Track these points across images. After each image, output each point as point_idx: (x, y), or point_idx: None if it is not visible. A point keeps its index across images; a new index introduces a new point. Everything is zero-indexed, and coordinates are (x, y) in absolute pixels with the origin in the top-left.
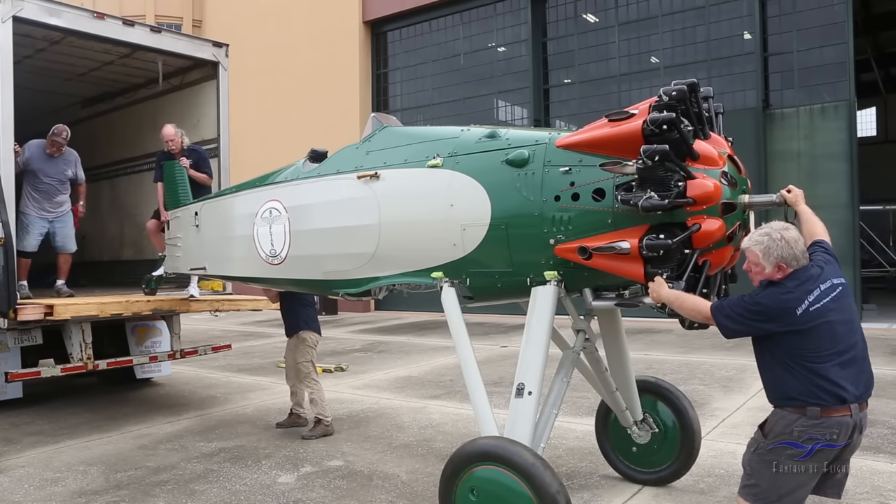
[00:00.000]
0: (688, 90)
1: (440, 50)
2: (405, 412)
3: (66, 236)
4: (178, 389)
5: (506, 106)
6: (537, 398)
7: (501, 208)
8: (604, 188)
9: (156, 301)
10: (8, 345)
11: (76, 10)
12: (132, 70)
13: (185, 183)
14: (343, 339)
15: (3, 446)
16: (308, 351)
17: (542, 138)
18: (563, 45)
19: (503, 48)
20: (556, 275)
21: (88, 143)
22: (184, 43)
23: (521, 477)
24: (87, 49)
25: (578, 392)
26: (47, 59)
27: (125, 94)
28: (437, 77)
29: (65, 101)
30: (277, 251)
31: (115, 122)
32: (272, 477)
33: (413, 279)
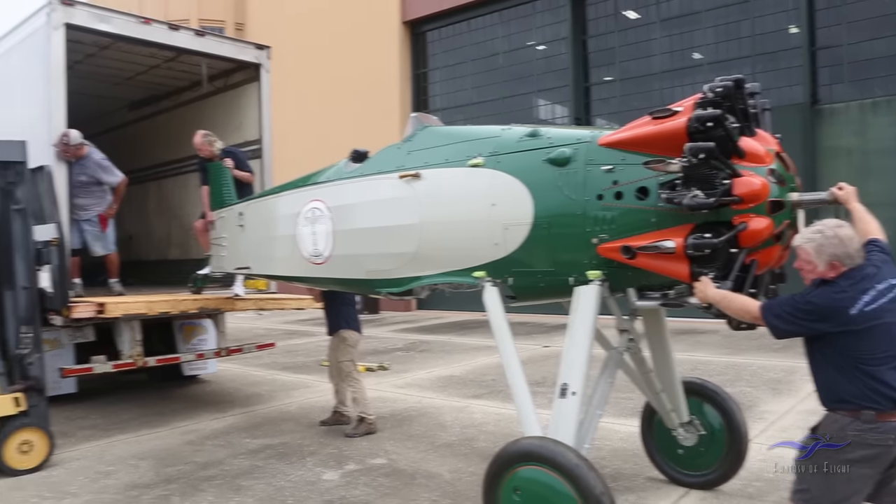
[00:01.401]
0: (734, 86)
1: (479, 49)
2: (447, 411)
3: (91, 240)
4: (223, 386)
5: (546, 104)
6: (581, 398)
7: (544, 207)
8: (647, 187)
9: (202, 300)
10: (62, 341)
11: (124, 15)
12: (177, 73)
13: (228, 184)
14: (385, 338)
15: (59, 439)
16: (348, 350)
17: (584, 137)
18: (604, 42)
19: (543, 46)
20: (599, 274)
21: (135, 146)
22: (227, 46)
23: (566, 478)
24: (135, 53)
25: (622, 393)
26: (97, 63)
27: (170, 96)
28: (476, 76)
29: (113, 105)
30: (320, 251)
31: (160, 125)
32: (316, 474)
33: (455, 279)
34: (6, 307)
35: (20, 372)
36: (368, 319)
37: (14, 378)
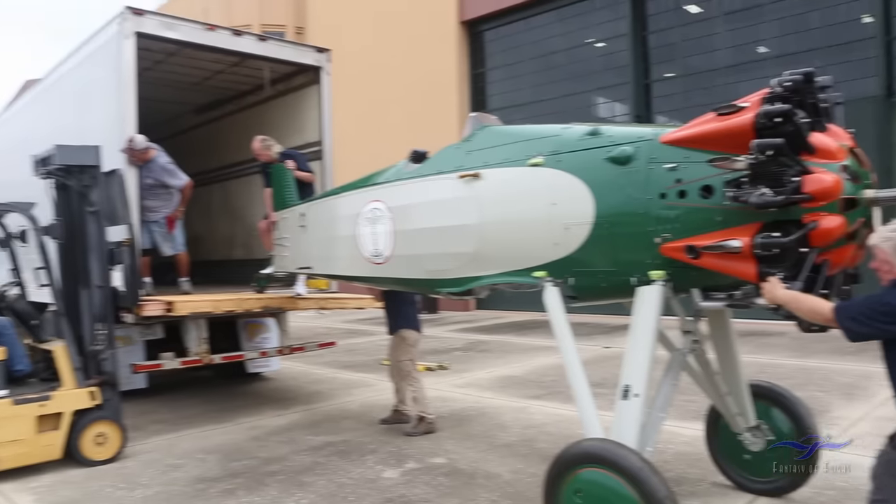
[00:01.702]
0: (803, 80)
1: (537, 48)
2: (507, 411)
3: (159, 241)
4: (286, 384)
5: (605, 102)
6: (643, 400)
7: (605, 207)
8: (712, 185)
9: (266, 299)
10: (133, 338)
11: (191, 23)
12: (241, 77)
13: (290, 185)
14: (444, 337)
15: (130, 432)
16: (408, 349)
17: (646, 135)
18: (665, 38)
19: (602, 43)
20: (662, 274)
21: (201, 149)
22: (288, 50)
23: (629, 481)
24: (201, 59)
25: (686, 395)
26: (165, 70)
27: (234, 100)
28: (534, 75)
29: (180, 110)
30: (380, 250)
31: (224, 128)
32: (377, 472)
33: (515, 279)
34: (82, 305)
35: (95, 367)
36: (427, 319)
37: (89, 373)
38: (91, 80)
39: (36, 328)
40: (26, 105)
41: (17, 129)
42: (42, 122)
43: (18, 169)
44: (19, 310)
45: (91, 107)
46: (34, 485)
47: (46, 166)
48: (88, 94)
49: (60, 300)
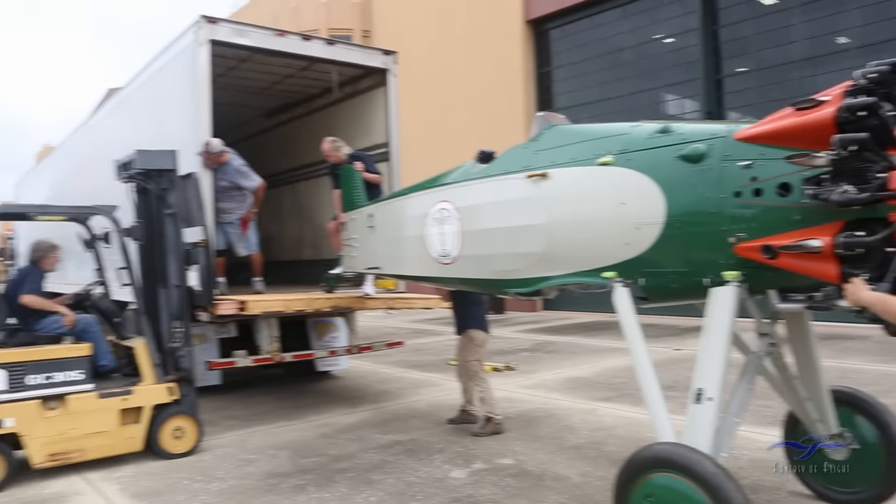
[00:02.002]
0: (889, 70)
1: (604, 45)
2: (575, 413)
3: (234, 242)
4: (354, 383)
5: (674, 99)
6: (717, 405)
7: (677, 206)
8: (790, 182)
9: (335, 299)
10: (208, 336)
11: (262, 29)
12: (309, 81)
13: (359, 186)
14: (511, 338)
15: (206, 427)
16: (476, 350)
17: (720, 131)
18: (737, 31)
19: (671, 39)
20: (737, 275)
21: (271, 152)
22: (356, 53)
23: (702, 487)
24: (271, 64)
25: (762, 400)
26: (237, 75)
27: (303, 103)
28: (601, 73)
29: (251, 114)
30: (448, 251)
31: (294, 131)
32: (444, 471)
33: (584, 279)
34: (160, 304)
35: (173, 363)
36: (494, 319)
37: (168, 369)
38: (168, 87)
39: (118, 325)
40: (109, 112)
41: (100, 136)
42: (123, 128)
43: (102, 173)
44: (103, 308)
45: (168, 112)
46: (118, 475)
47: (127, 170)
48: (166, 101)
49: (140, 299)
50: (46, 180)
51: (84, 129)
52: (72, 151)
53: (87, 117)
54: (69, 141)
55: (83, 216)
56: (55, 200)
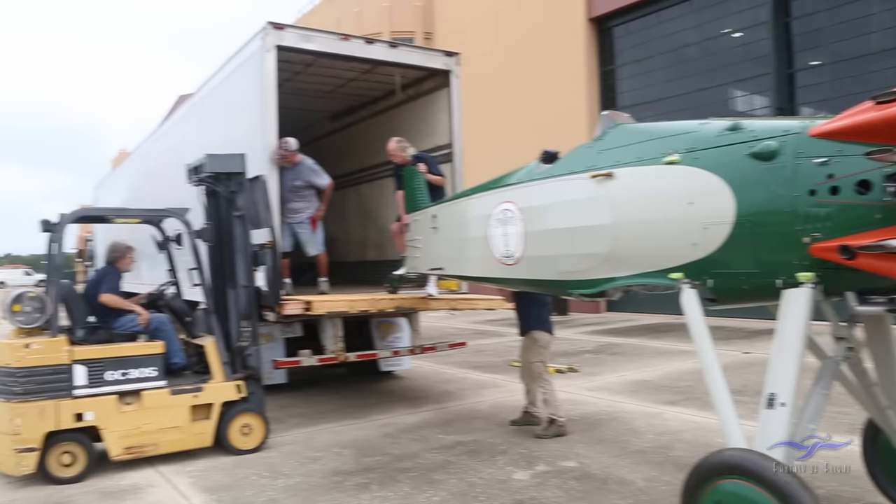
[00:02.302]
0: None
1: (669, 41)
2: (640, 417)
3: (305, 241)
4: (417, 383)
5: (743, 95)
6: (791, 410)
7: (747, 205)
8: (870, 180)
9: (398, 299)
10: (275, 335)
11: (326, 34)
12: (373, 84)
13: (422, 187)
14: (574, 339)
15: (272, 425)
16: (540, 351)
17: (793, 128)
18: (811, 23)
19: (739, 33)
20: (811, 276)
21: (336, 154)
22: (418, 55)
23: (775, 495)
24: (335, 68)
25: (838, 407)
26: (302, 80)
27: (367, 106)
28: (666, 70)
29: (316, 117)
30: (512, 251)
31: (358, 133)
32: (507, 473)
33: (650, 280)
34: (229, 304)
35: (241, 362)
36: (557, 321)
37: (236, 367)
38: (237, 92)
39: (189, 324)
40: (180, 118)
41: (172, 141)
42: (194, 133)
43: (174, 177)
44: (175, 307)
45: (237, 117)
46: (189, 469)
47: (198, 174)
48: (234, 106)
49: (210, 299)
50: (122, 184)
51: (157, 135)
52: (145, 156)
53: (159, 123)
54: (143, 146)
55: (157, 219)
56: (130, 204)
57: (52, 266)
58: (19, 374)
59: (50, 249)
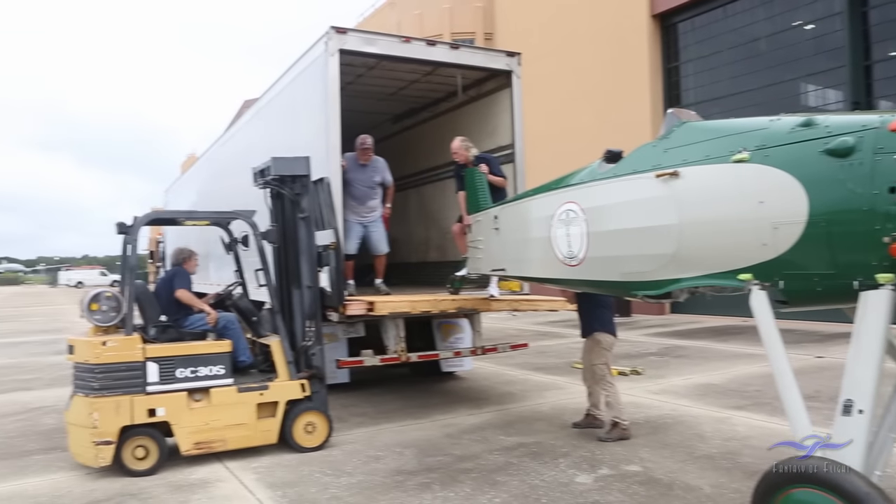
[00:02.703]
0: None
1: (737, 36)
2: (706, 421)
3: (379, 239)
4: (478, 384)
5: (816, 90)
6: (870, 418)
7: (821, 203)
8: None
9: (460, 300)
10: (338, 335)
11: (388, 37)
12: (434, 86)
13: (484, 188)
14: (637, 341)
15: (335, 423)
16: (603, 353)
17: (871, 122)
18: (891, 11)
19: (811, 25)
20: (892, 278)
21: (398, 156)
22: (480, 56)
23: None
24: (397, 70)
25: None
26: (365, 82)
27: (428, 108)
28: (733, 66)
29: (378, 119)
30: (574, 252)
31: (419, 135)
32: (569, 476)
33: (718, 281)
34: (294, 304)
35: (305, 361)
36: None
37: (300, 366)
38: (300, 96)
39: (255, 324)
40: (246, 123)
41: (238, 145)
42: (259, 137)
43: (240, 180)
44: (242, 307)
45: (301, 120)
46: (255, 465)
47: (264, 177)
48: (298, 109)
49: (276, 299)
50: (191, 188)
51: (223, 139)
52: (213, 160)
53: (225, 128)
54: (210, 151)
55: (225, 221)
56: (199, 206)
57: (126, 267)
58: (97, 370)
59: (124, 251)
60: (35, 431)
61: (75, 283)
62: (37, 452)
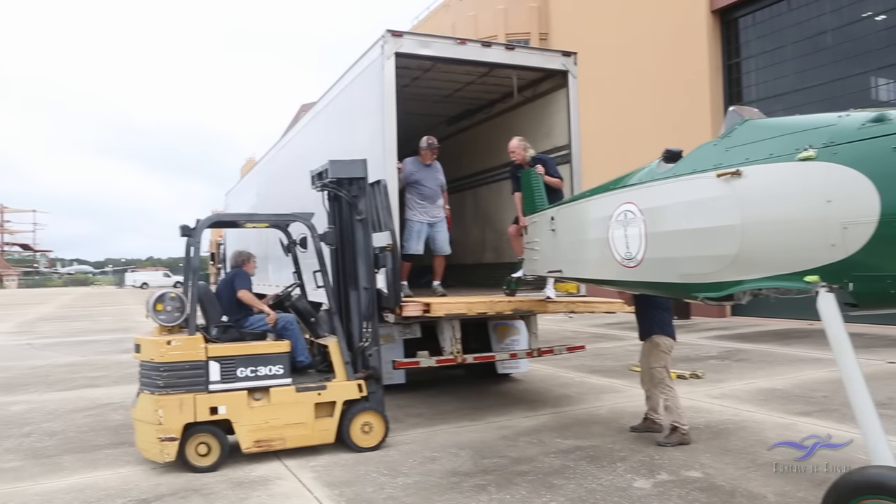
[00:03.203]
0: None
1: (801, 30)
2: (770, 427)
3: (443, 240)
4: (534, 386)
5: (887, 84)
6: None
7: (894, 202)
8: None
9: (516, 301)
10: (394, 337)
11: (443, 39)
12: (489, 87)
13: (540, 189)
14: (697, 344)
15: (392, 424)
16: (661, 356)
17: None
18: None
19: (883, 16)
20: None
21: (453, 157)
22: (535, 56)
23: None
24: (452, 72)
25: None
26: (420, 85)
27: (483, 109)
28: (798, 60)
29: (434, 122)
30: (633, 254)
31: (475, 136)
32: (627, 480)
33: (782, 283)
34: (351, 305)
35: (362, 362)
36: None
37: (357, 367)
38: (357, 100)
39: (313, 325)
40: (304, 126)
41: (296, 148)
42: (317, 140)
43: (298, 183)
44: (300, 308)
45: (358, 123)
46: (313, 464)
47: (321, 179)
48: (355, 112)
49: (333, 300)
50: (250, 190)
51: (281, 143)
52: (271, 164)
53: (283, 132)
54: (269, 154)
55: (284, 223)
56: (258, 209)
57: (189, 268)
58: (162, 368)
59: (188, 253)
60: (104, 426)
61: (140, 284)
62: (106, 447)
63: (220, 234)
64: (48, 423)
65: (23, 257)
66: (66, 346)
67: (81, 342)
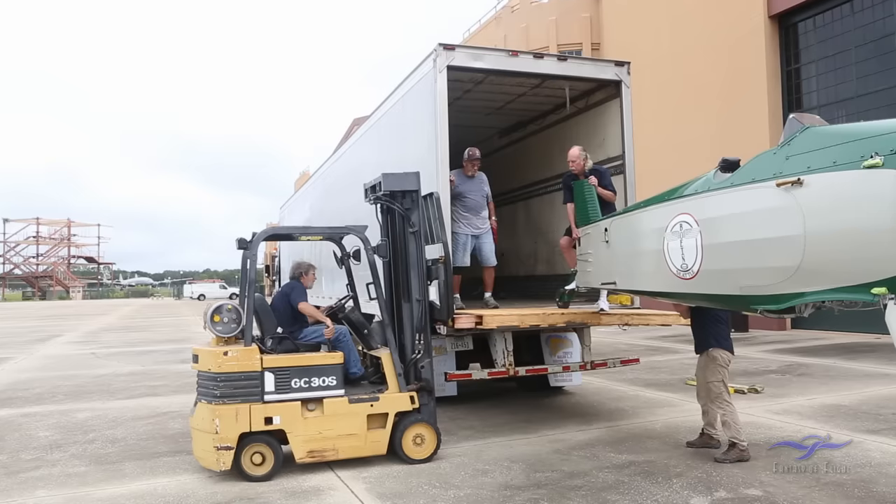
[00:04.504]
0: None
1: (866, 33)
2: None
3: (490, 251)
4: (587, 399)
5: None
6: None
7: None
8: None
9: (569, 314)
10: (446, 349)
11: (495, 51)
12: (542, 98)
13: (594, 201)
14: (756, 358)
15: (444, 436)
16: (719, 370)
17: None
18: None
19: None
20: None
21: (505, 169)
22: (588, 67)
23: None
24: (504, 84)
25: None
26: (472, 97)
27: (535, 121)
28: (861, 65)
29: (485, 134)
30: (689, 265)
31: (527, 148)
32: (684, 497)
33: (847, 295)
34: (404, 317)
35: (414, 374)
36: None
37: (410, 379)
38: (410, 113)
39: (366, 336)
40: (357, 140)
41: (350, 162)
42: (369, 153)
43: (352, 196)
44: (353, 320)
45: (410, 136)
46: (365, 475)
47: (375, 192)
48: (408, 126)
49: (386, 312)
50: (304, 204)
51: (335, 157)
52: (325, 177)
53: (336, 146)
54: (322, 168)
55: (337, 235)
56: (312, 222)
57: (245, 280)
58: (219, 378)
59: (244, 265)
60: (163, 435)
61: (198, 296)
62: (165, 455)
63: (274, 247)
64: (111, 431)
65: (88, 269)
66: (128, 356)
67: (142, 352)
